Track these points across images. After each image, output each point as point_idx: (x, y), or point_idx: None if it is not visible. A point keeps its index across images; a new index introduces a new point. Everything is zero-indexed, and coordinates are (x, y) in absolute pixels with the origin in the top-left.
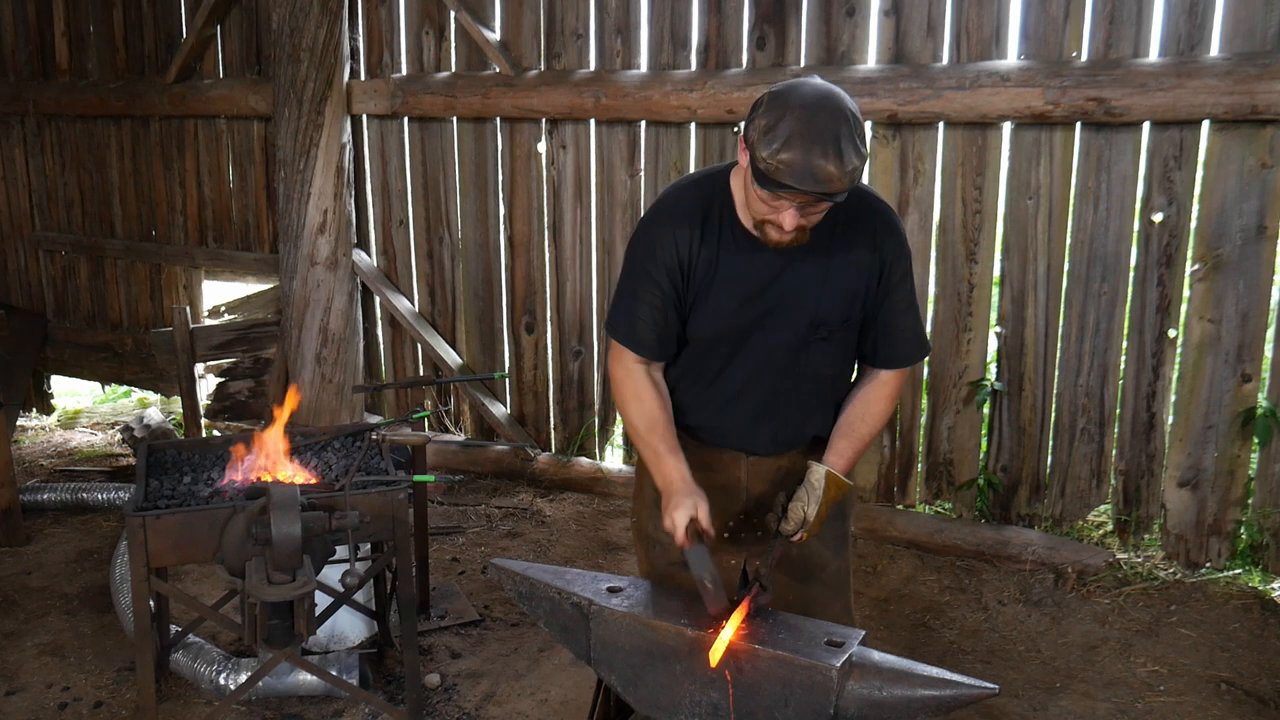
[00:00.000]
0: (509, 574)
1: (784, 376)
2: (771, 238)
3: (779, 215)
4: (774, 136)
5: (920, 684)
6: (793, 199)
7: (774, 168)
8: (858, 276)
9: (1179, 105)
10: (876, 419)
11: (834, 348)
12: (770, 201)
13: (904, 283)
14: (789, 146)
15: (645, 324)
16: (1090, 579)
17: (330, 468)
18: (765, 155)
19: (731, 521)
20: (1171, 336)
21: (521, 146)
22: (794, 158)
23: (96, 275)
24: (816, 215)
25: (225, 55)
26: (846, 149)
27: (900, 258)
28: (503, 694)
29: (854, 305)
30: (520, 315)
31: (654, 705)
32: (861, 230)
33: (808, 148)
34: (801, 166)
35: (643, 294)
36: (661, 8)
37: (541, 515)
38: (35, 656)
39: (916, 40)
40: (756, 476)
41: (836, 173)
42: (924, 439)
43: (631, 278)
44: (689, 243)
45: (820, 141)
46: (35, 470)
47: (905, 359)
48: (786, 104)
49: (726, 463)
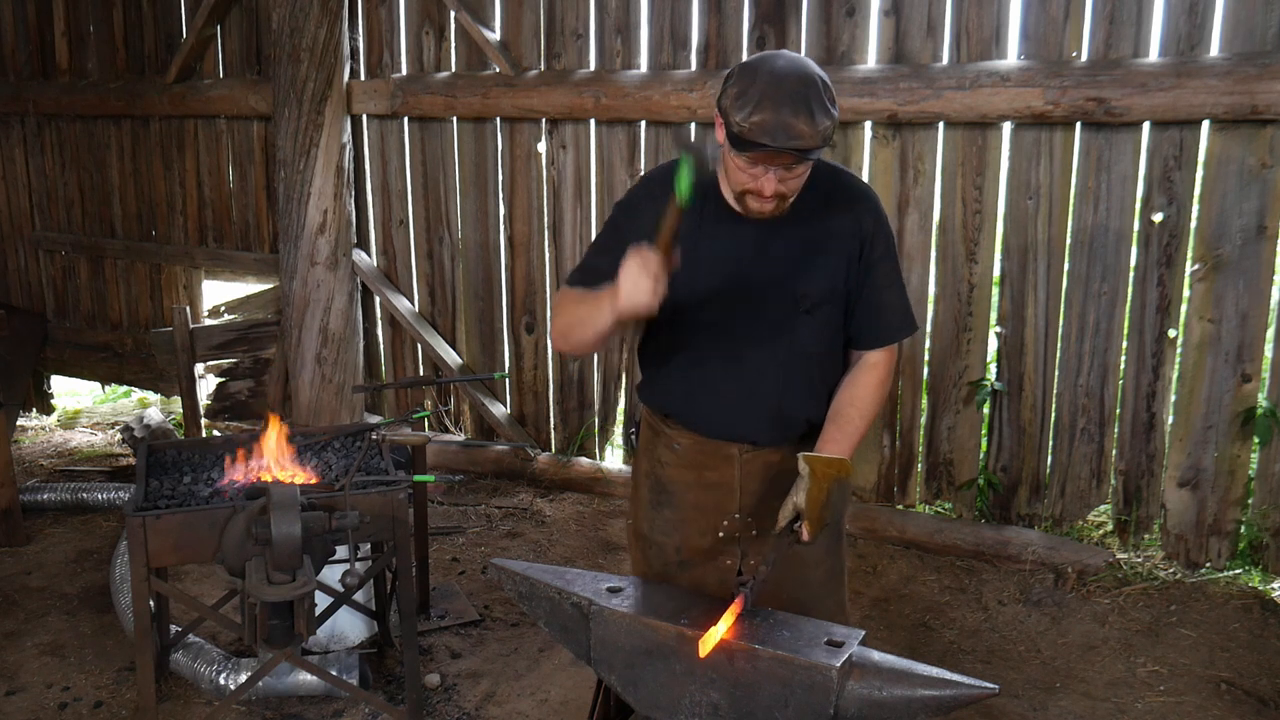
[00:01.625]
0: (509, 574)
1: (769, 350)
2: (753, 207)
3: (758, 182)
4: (746, 100)
5: (920, 684)
6: (769, 160)
7: (747, 129)
8: (839, 248)
9: (1179, 105)
10: (866, 404)
11: (818, 323)
12: (748, 168)
13: (886, 258)
14: (760, 108)
15: (602, 277)
16: (1090, 579)
17: (330, 468)
18: (739, 119)
19: (726, 521)
20: (1171, 336)
21: (521, 146)
22: (766, 117)
23: (96, 275)
24: (795, 180)
25: (225, 55)
26: (817, 108)
27: (880, 232)
28: (503, 694)
29: (837, 277)
30: (520, 315)
31: (654, 705)
32: (841, 204)
33: (778, 108)
34: (774, 124)
35: (609, 251)
36: (661, 8)
37: (541, 515)
38: (35, 656)
39: (916, 40)
40: (750, 474)
41: (809, 129)
42: (924, 439)
43: (604, 240)
44: None
45: (791, 102)
46: (35, 470)
47: (891, 334)
48: (757, 71)
49: (720, 461)
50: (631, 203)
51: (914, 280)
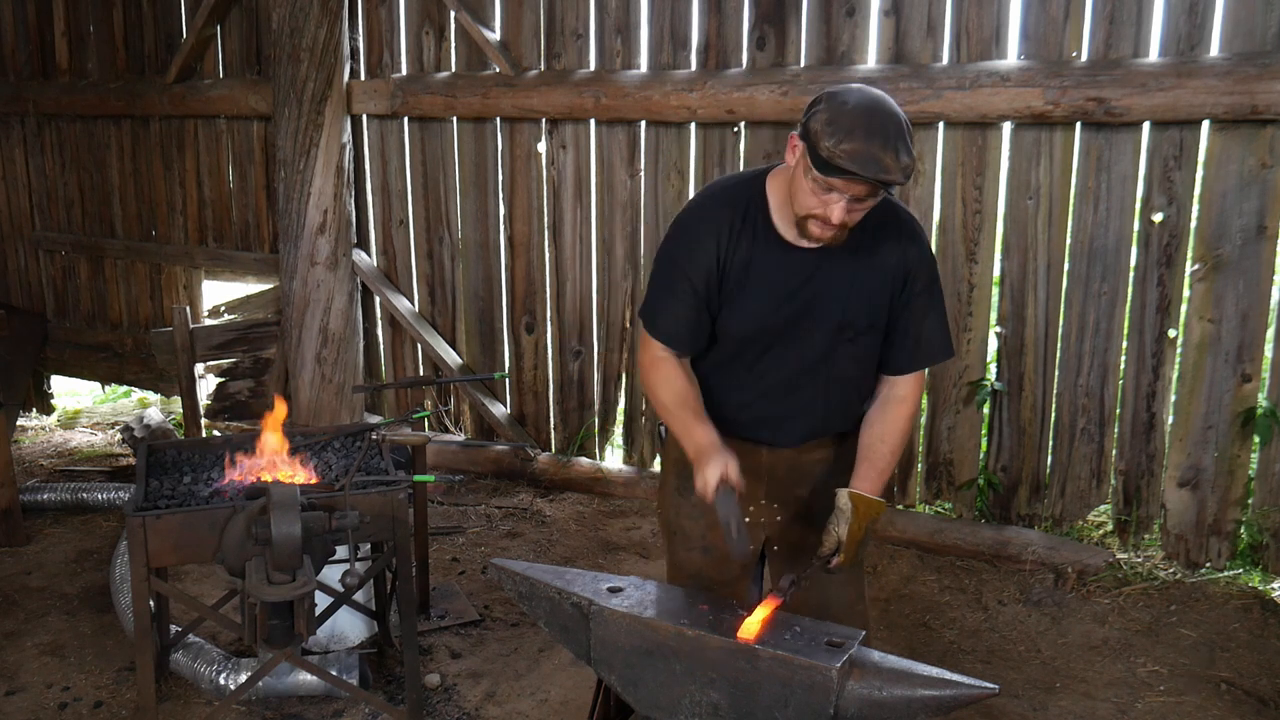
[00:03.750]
0: (509, 574)
1: (812, 376)
2: (814, 233)
3: (828, 208)
4: (838, 127)
5: (920, 684)
6: (849, 188)
7: (838, 154)
8: (883, 282)
9: (1179, 105)
10: (896, 438)
11: (859, 350)
12: (821, 194)
13: (928, 290)
14: (853, 137)
15: (679, 320)
16: (1090, 579)
17: (330, 468)
18: (829, 144)
19: (752, 506)
20: (1171, 336)
21: (521, 146)
22: (857, 146)
23: (96, 275)
24: (860, 211)
25: (225, 55)
26: (901, 145)
27: (924, 266)
28: (503, 694)
29: (879, 310)
30: (520, 315)
31: (654, 705)
32: (888, 237)
33: (869, 139)
34: (864, 154)
35: (678, 291)
36: (661, 8)
37: (541, 515)
38: (35, 656)
39: (916, 40)
40: (777, 463)
41: (894, 164)
42: (924, 439)
43: (667, 274)
44: (725, 244)
45: (881, 135)
46: (35, 470)
47: (923, 361)
48: (847, 101)
49: (748, 451)
50: (689, 233)
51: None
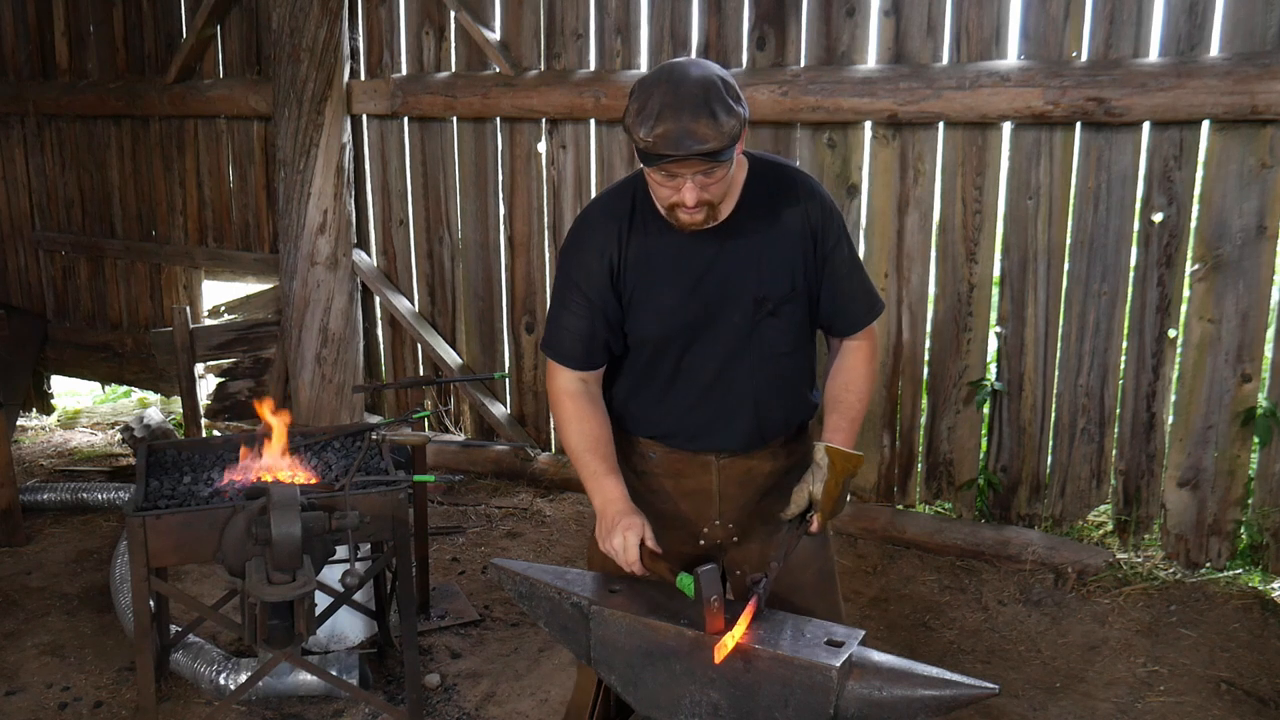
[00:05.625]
0: (509, 574)
1: (738, 360)
2: (683, 220)
3: (680, 194)
4: (646, 115)
5: (920, 684)
6: (683, 169)
7: (652, 143)
8: (792, 245)
9: (1179, 105)
10: (860, 385)
11: (784, 323)
12: (666, 182)
13: (840, 246)
14: (661, 119)
15: (570, 334)
16: (1090, 579)
17: (330, 468)
18: (643, 135)
19: (706, 529)
20: (1171, 336)
21: (521, 146)
22: (668, 128)
23: (96, 275)
24: (716, 184)
25: (225, 55)
26: (719, 108)
27: (830, 220)
28: (503, 694)
29: (795, 275)
30: (520, 315)
31: (654, 705)
32: (785, 200)
33: (678, 115)
34: (676, 133)
35: (570, 304)
36: (661, 8)
37: (541, 515)
38: (35, 656)
39: (916, 40)
40: (729, 480)
41: (712, 131)
42: (924, 439)
43: (559, 292)
44: (615, 246)
45: (691, 107)
46: (35, 470)
47: (861, 320)
48: (654, 85)
49: (696, 468)
50: (577, 243)
51: (914, 280)
